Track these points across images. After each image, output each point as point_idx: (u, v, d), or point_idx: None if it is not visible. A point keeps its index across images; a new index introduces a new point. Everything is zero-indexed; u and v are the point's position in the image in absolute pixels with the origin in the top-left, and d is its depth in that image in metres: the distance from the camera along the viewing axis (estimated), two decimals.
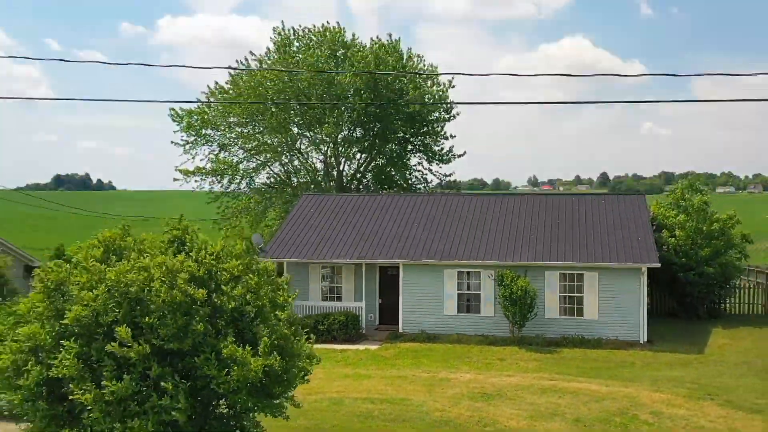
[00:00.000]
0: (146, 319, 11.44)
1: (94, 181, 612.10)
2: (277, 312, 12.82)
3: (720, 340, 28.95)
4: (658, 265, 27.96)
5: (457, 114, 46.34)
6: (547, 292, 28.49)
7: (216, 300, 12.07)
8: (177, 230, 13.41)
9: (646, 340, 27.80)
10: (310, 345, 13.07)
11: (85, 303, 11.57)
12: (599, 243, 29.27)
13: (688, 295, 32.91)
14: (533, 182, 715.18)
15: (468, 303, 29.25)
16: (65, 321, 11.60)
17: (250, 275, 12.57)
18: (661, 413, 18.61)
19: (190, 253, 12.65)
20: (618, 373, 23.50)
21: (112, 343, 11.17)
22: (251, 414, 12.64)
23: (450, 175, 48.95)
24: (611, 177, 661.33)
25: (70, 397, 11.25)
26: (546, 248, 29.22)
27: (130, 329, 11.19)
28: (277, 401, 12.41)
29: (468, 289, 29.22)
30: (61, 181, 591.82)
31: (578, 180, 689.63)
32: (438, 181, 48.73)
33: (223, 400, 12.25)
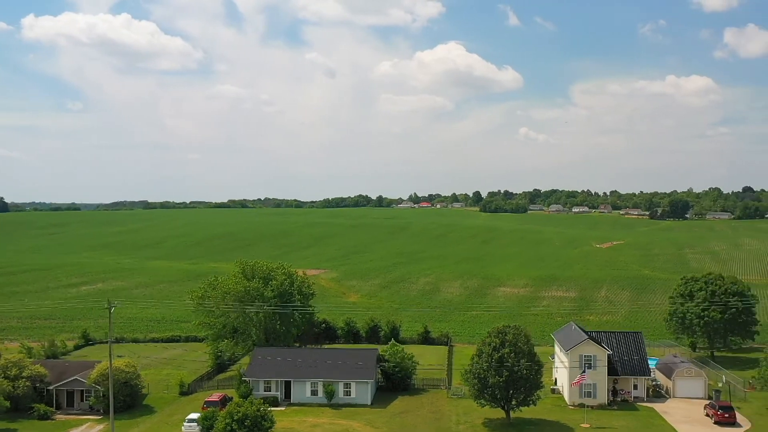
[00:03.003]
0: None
1: None
2: (267, 416, 73.15)
3: (396, 402, 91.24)
4: (373, 380, 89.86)
5: (314, 293, 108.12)
6: (339, 388, 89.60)
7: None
8: (242, 407, 73.43)
9: (371, 403, 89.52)
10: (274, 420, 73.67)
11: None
12: (358, 371, 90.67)
13: (395, 382, 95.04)
14: (414, 199, 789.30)
15: (313, 391, 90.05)
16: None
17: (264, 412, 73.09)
18: (354, 429, 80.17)
19: (251, 405, 72.83)
20: (354, 417, 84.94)
21: None
22: None
23: (314, 311, 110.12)
24: (484, 194, 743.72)
25: None
26: (339, 373, 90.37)
27: None
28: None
29: (313, 387, 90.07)
30: None
31: (454, 197, 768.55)
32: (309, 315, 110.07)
33: None
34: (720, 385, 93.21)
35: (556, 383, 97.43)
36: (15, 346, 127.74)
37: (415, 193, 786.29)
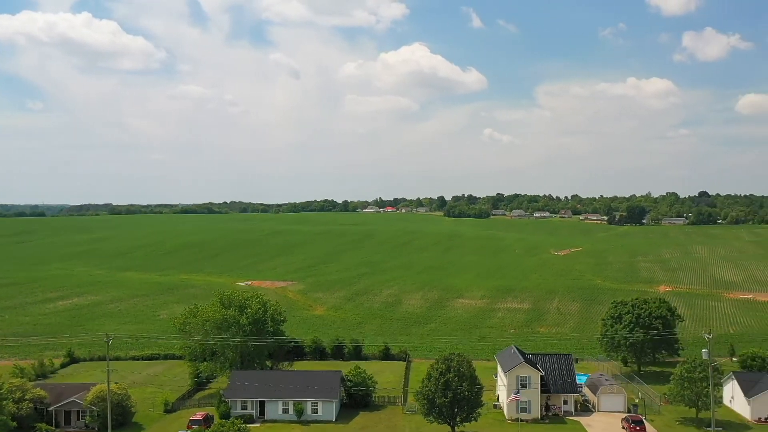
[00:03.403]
0: None
1: None
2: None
3: (358, 418, 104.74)
4: (337, 399, 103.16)
5: (285, 319, 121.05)
6: (307, 407, 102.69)
7: None
8: (225, 426, 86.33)
9: (335, 419, 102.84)
10: None
11: None
12: (324, 391, 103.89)
13: (357, 400, 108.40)
14: (379, 203, 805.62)
15: (284, 410, 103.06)
16: None
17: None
18: None
19: (232, 426, 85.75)
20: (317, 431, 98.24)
21: None
22: None
23: (283, 340, 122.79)
24: (449, 197, 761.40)
25: None
26: (307, 393, 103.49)
27: None
28: None
29: (285, 405, 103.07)
30: None
31: (419, 202, 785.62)
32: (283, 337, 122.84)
33: None
34: (637, 400, 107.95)
35: (498, 399, 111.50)
36: (3, 364, 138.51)
37: (380, 198, 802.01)
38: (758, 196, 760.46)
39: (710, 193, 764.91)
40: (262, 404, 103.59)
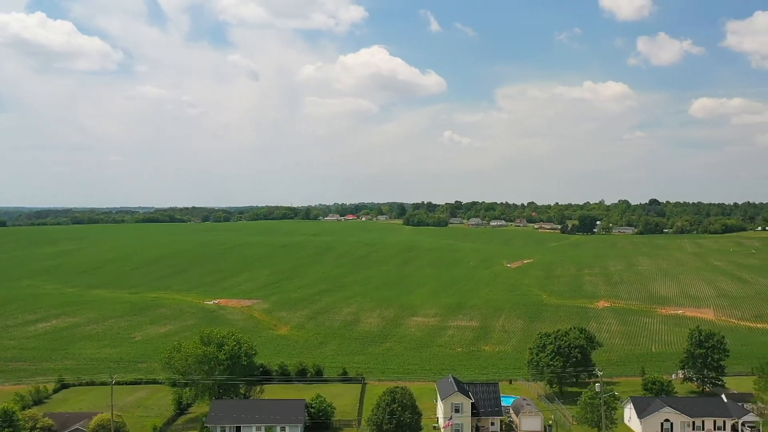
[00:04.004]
0: None
1: None
2: None
3: None
4: (302, 423, 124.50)
5: (256, 353, 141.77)
6: (276, 431, 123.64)
7: None
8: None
9: None
10: None
11: None
12: (291, 417, 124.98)
13: (319, 423, 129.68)
14: (340, 211, 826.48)
15: None
16: None
17: None
18: None
19: None
20: None
21: None
22: None
23: (258, 370, 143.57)
24: (409, 202, 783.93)
25: None
26: (277, 419, 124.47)
27: None
28: None
29: (258, 430, 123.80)
30: None
31: (379, 210, 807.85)
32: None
33: None
34: (550, 421, 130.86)
35: (437, 422, 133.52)
36: (1, 389, 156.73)
37: (342, 203, 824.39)
38: (706, 203, 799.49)
39: (661, 201, 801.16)
40: (238, 429, 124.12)
